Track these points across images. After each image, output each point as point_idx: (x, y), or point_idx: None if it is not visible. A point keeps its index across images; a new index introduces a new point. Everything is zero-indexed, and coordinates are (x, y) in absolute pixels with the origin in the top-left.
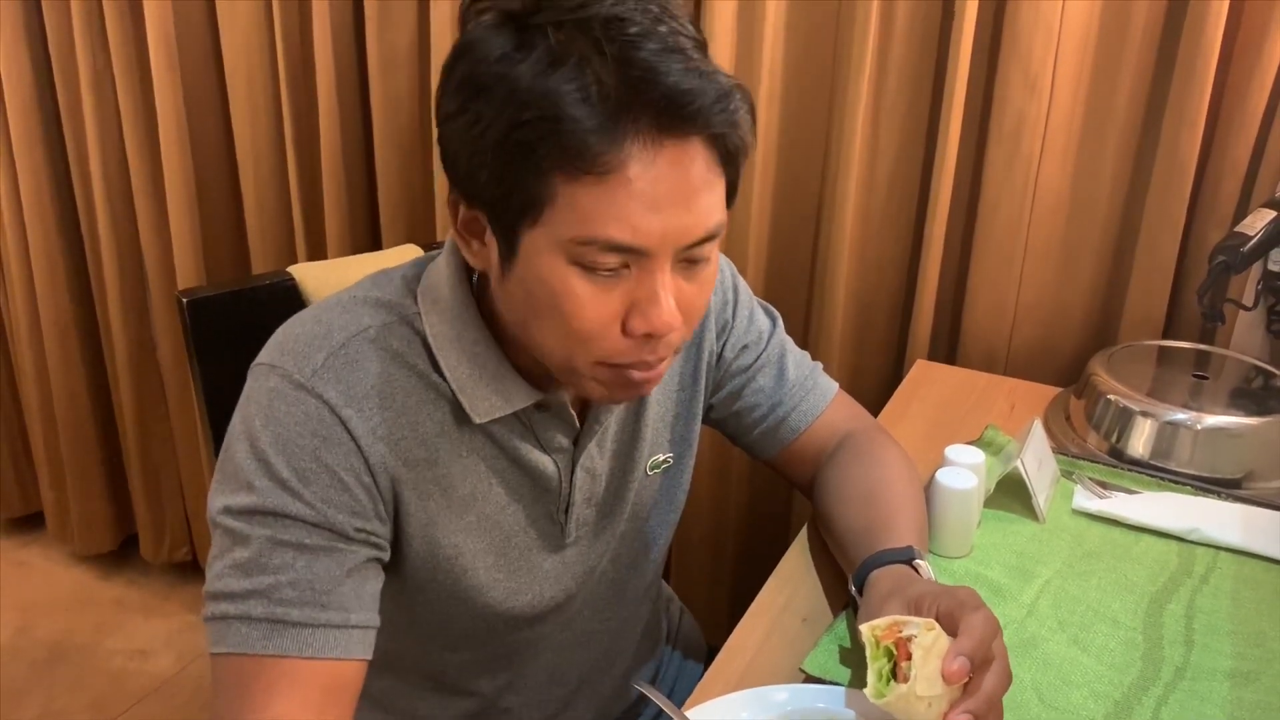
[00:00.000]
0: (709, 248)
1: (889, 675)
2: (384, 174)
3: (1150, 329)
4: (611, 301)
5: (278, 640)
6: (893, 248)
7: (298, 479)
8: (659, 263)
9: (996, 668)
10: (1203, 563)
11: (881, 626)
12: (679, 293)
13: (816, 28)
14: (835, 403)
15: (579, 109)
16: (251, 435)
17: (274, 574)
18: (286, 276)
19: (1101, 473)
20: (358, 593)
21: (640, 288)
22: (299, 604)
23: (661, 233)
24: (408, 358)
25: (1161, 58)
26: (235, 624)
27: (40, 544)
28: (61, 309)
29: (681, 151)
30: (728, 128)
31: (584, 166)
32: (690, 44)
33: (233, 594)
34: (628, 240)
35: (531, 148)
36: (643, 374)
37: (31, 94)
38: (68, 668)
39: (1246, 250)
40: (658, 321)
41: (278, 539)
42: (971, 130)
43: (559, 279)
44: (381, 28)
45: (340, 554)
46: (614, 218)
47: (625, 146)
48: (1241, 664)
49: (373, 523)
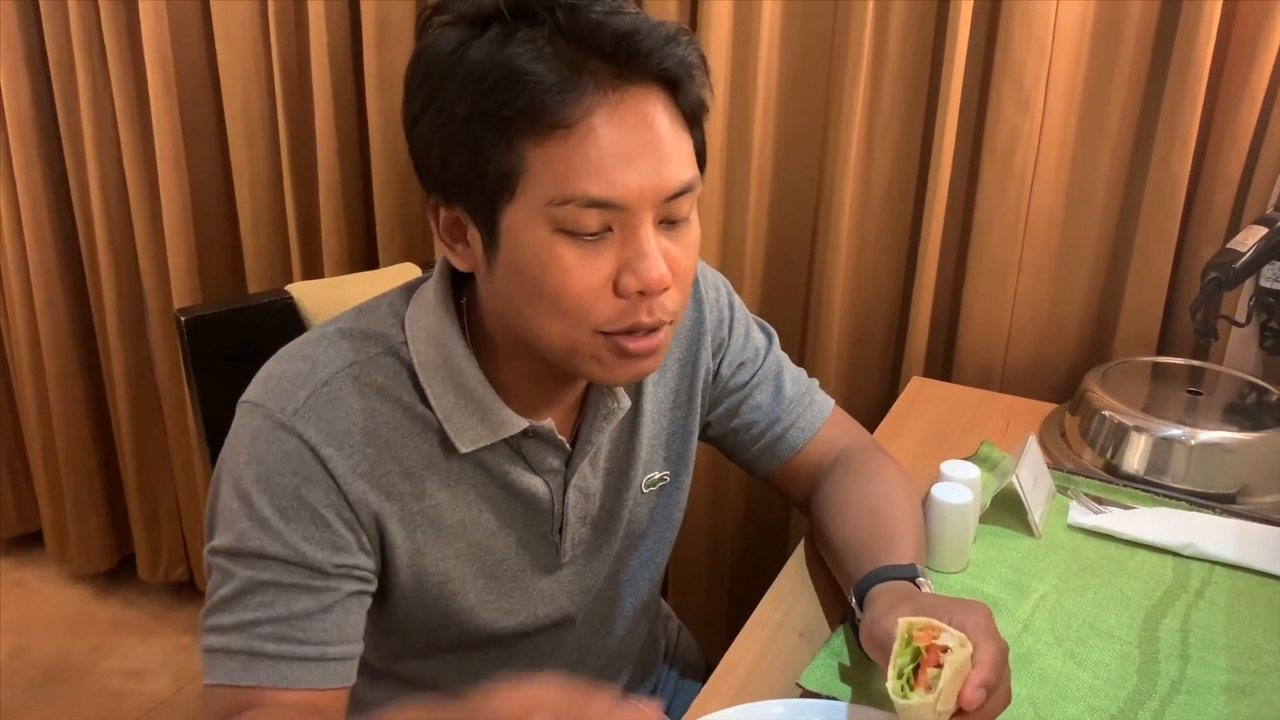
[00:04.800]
0: (687, 204)
1: (910, 675)
2: (381, 193)
3: (1144, 345)
4: (600, 266)
5: (255, 672)
6: (887, 265)
7: (279, 517)
8: (640, 219)
9: (1000, 691)
10: (1198, 577)
11: (920, 625)
12: (666, 254)
13: (810, 48)
14: (832, 419)
15: (536, 66)
16: (235, 474)
17: (254, 610)
18: (285, 295)
19: (1097, 488)
20: (339, 625)
21: (627, 247)
22: (275, 639)
23: (638, 186)
24: (392, 391)
25: (1153, 74)
26: (219, 656)
27: (37, 564)
28: (60, 328)
29: (642, 100)
30: (681, 69)
31: (549, 121)
32: (634, 7)
33: (220, 628)
34: (605, 194)
35: (497, 116)
36: (641, 342)
37: (31, 114)
38: (64, 688)
39: (1239, 266)
40: (649, 276)
41: (258, 579)
42: (965, 147)
43: (545, 249)
44: (379, 47)
45: (318, 591)
46: (588, 173)
47: (586, 97)
48: (1237, 678)
49: (356, 556)
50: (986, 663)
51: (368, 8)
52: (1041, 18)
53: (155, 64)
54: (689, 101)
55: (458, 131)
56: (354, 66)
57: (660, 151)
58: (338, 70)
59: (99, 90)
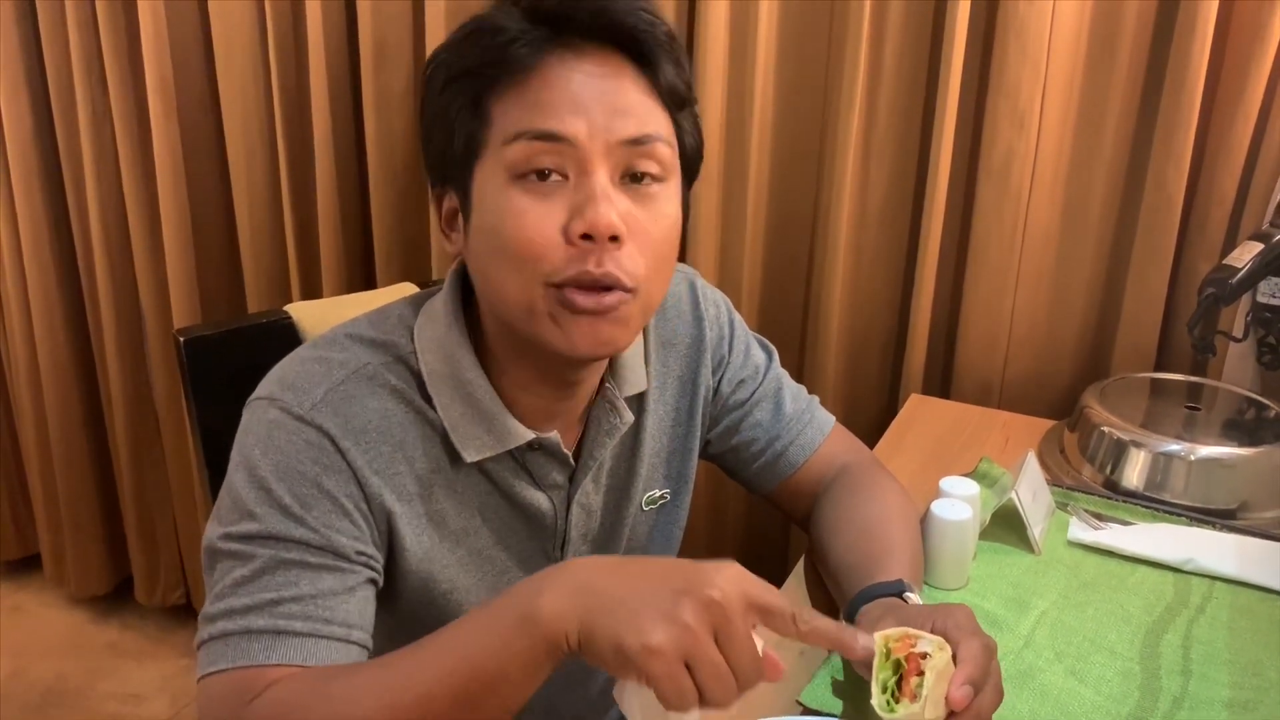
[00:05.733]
0: (649, 160)
1: (894, 688)
2: (379, 213)
3: (1142, 361)
4: (553, 212)
5: (281, 649)
6: (885, 282)
7: (300, 505)
8: (594, 164)
9: (990, 687)
10: (1199, 593)
11: (895, 637)
12: (626, 213)
13: (806, 66)
14: (832, 436)
15: (505, 18)
16: (251, 465)
17: (277, 589)
18: (284, 315)
19: (1096, 504)
20: (360, 611)
21: (578, 193)
22: (303, 616)
23: (588, 125)
24: (405, 394)
25: (1147, 92)
26: (235, 639)
27: (34, 587)
28: (59, 351)
29: (604, 62)
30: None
31: (507, 70)
32: None
33: (232, 611)
34: (553, 126)
35: (464, 72)
36: (591, 298)
37: (31, 137)
38: (61, 712)
39: (1235, 282)
40: (595, 220)
41: (281, 558)
42: (961, 165)
43: (503, 198)
44: (376, 69)
45: (343, 573)
46: (539, 111)
47: (546, 49)
48: (1239, 694)
49: (370, 548)
50: (969, 659)
51: (365, 30)
52: (1036, 36)
53: (156, 86)
54: (662, 80)
55: (437, 103)
56: (352, 88)
57: (616, 101)
58: (336, 92)
59: (98, 113)
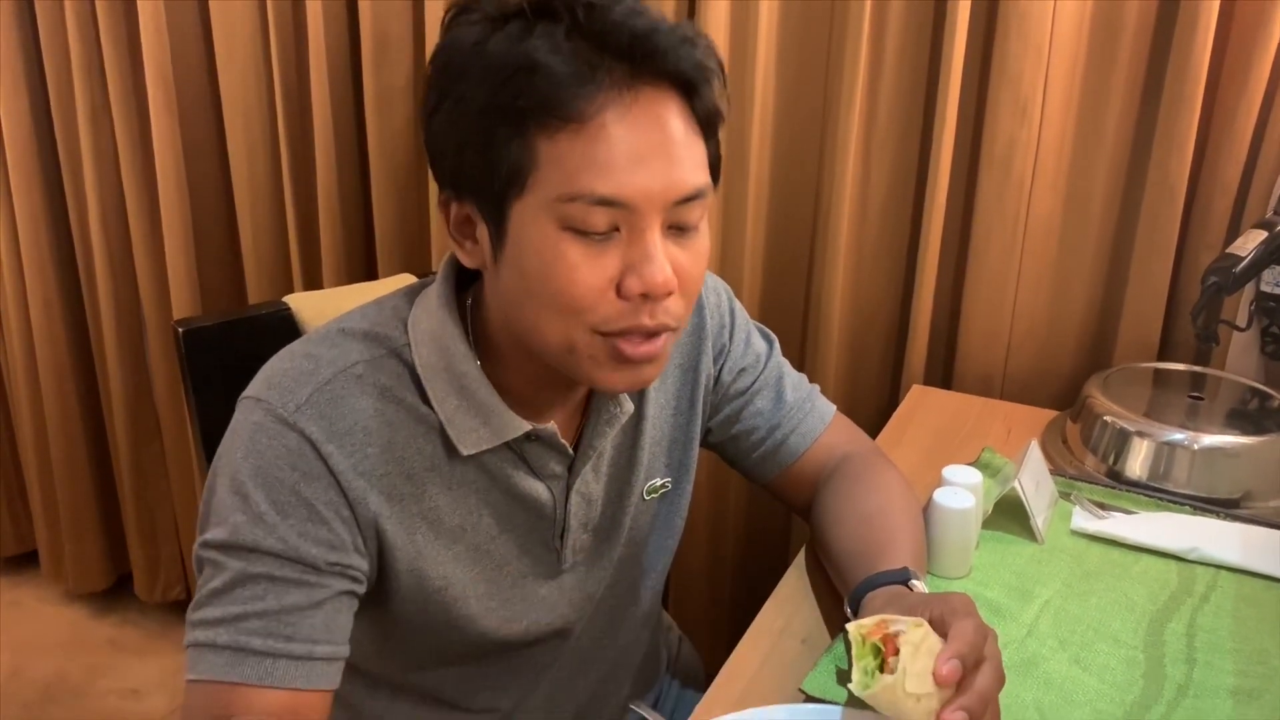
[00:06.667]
0: (697, 211)
1: (875, 671)
2: (380, 207)
3: (1145, 352)
4: (605, 266)
5: (239, 668)
6: (886, 274)
7: (275, 512)
8: (648, 221)
9: (988, 667)
10: (1203, 581)
11: (868, 625)
12: (673, 260)
13: (807, 58)
14: (833, 425)
15: (551, 59)
16: (233, 469)
17: (243, 604)
18: (282, 306)
19: (1100, 494)
20: (327, 624)
21: (633, 249)
22: (263, 634)
23: (647, 187)
24: (396, 392)
25: (1150, 80)
26: (205, 651)
27: (33, 584)
28: (58, 347)
29: (656, 102)
30: (695, 72)
31: (561, 115)
32: (655, 11)
33: (205, 621)
34: (613, 193)
35: (511, 108)
36: (640, 348)
37: (29, 132)
38: (60, 708)
39: (1239, 271)
40: (651, 279)
41: (249, 571)
42: (963, 156)
43: (550, 246)
44: (378, 64)
45: (310, 587)
46: (598, 171)
47: (599, 93)
48: (1244, 681)
49: (350, 556)
50: (956, 635)
51: (367, 25)
52: (1038, 26)
53: (155, 81)
54: (704, 108)
55: (473, 123)
56: (353, 82)
57: (672, 154)
58: (337, 86)
59: (97, 108)
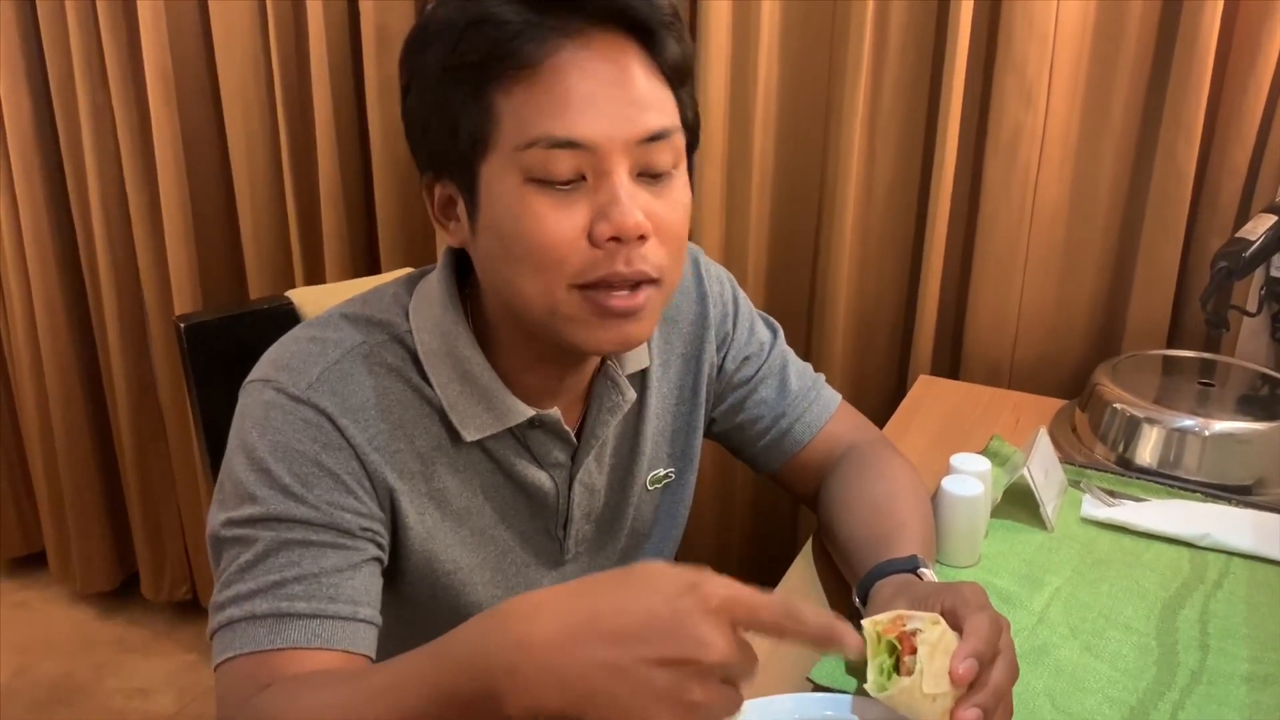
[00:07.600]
0: (667, 155)
1: (891, 670)
2: (382, 199)
3: (1154, 339)
4: (574, 215)
5: (285, 633)
6: (892, 263)
7: (300, 484)
8: (612, 163)
9: (1002, 661)
10: (1215, 568)
11: (884, 621)
12: (645, 207)
13: (810, 46)
14: (839, 414)
15: (501, 9)
16: (249, 448)
17: (280, 571)
18: (285, 300)
19: (1110, 481)
20: (366, 587)
21: (600, 194)
22: (305, 597)
23: (606, 127)
24: (402, 372)
25: (1157, 64)
26: (241, 626)
27: (40, 584)
28: (61, 346)
29: (611, 47)
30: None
31: (514, 64)
32: None
33: (238, 597)
34: (569, 133)
35: (465, 65)
36: (622, 301)
37: (32, 128)
38: (68, 708)
39: (1248, 255)
40: (621, 221)
41: (284, 539)
42: (968, 143)
43: (518, 200)
44: (378, 54)
45: (347, 550)
46: (553, 113)
47: (551, 38)
48: (1258, 667)
49: (375, 523)
50: (972, 633)
51: (367, 15)
52: (1043, 11)
53: (155, 75)
54: (667, 58)
55: (434, 93)
56: (354, 73)
57: (631, 96)
58: (337, 77)
59: (99, 102)
